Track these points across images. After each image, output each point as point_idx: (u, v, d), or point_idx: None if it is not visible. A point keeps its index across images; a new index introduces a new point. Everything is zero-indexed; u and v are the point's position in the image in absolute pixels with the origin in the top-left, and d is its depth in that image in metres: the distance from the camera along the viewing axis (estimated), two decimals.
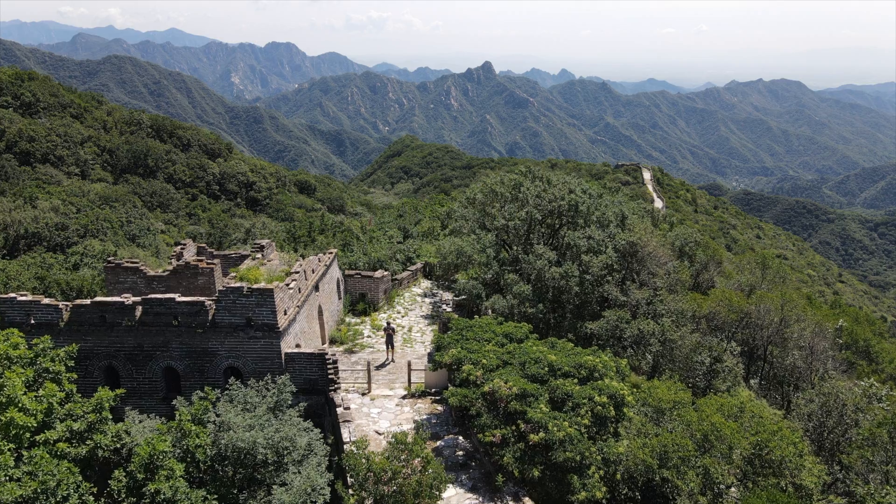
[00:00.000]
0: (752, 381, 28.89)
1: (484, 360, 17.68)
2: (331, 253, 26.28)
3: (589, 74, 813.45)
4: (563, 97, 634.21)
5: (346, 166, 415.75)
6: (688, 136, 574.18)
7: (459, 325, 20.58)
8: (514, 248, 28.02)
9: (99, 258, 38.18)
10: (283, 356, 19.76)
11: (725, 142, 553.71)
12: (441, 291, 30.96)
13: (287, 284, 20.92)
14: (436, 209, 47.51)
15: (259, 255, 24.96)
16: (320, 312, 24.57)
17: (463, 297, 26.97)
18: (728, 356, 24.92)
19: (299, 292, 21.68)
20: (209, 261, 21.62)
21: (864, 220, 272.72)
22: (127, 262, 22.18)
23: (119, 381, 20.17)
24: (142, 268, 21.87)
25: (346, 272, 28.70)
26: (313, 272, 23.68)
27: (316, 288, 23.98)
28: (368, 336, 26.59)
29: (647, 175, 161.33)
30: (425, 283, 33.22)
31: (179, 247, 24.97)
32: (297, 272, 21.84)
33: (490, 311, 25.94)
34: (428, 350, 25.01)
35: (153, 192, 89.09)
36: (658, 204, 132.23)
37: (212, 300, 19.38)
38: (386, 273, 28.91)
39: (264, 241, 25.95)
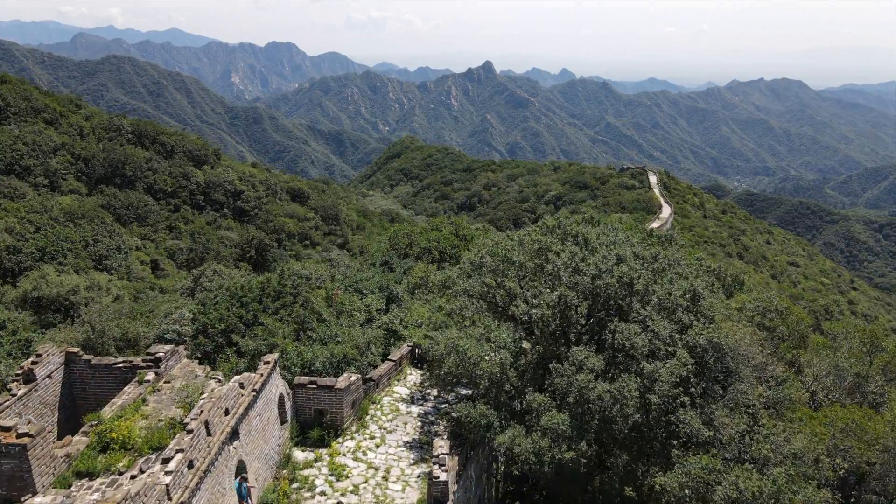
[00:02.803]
0: None
1: None
2: (266, 363, 17.33)
3: (590, 74, 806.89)
4: (563, 97, 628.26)
5: (347, 167, 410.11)
6: (689, 136, 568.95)
7: None
8: (541, 346, 19.23)
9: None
10: None
11: (727, 141, 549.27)
12: (434, 391, 22.13)
13: (164, 464, 12.10)
14: (432, 237, 38.65)
15: (150, 377, 16.09)
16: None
17: (467, 418, 18.12)
18: None
19: (190, 468, 12.85)
20: (23, 431, 12.58)
21: (869, 222, 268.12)
22: None
23: None
24: None
25: (297, 380, 19.64)
26: (227, 413, 14.86)
27: (235, 434, 15.19)
28: (321, 492, 17.35)
29: (653, 179, 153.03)
30: (413, 376, 24.14)
31: (29, 361, 16.02)
32: (192, 431, 12.98)
33: (507, 451, 17.20)
34: None
35: (129, 204, 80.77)
36: (666, 211, 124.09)
37: None
38: (354, 378, 19.86)
39: (164, 350, 17.11)
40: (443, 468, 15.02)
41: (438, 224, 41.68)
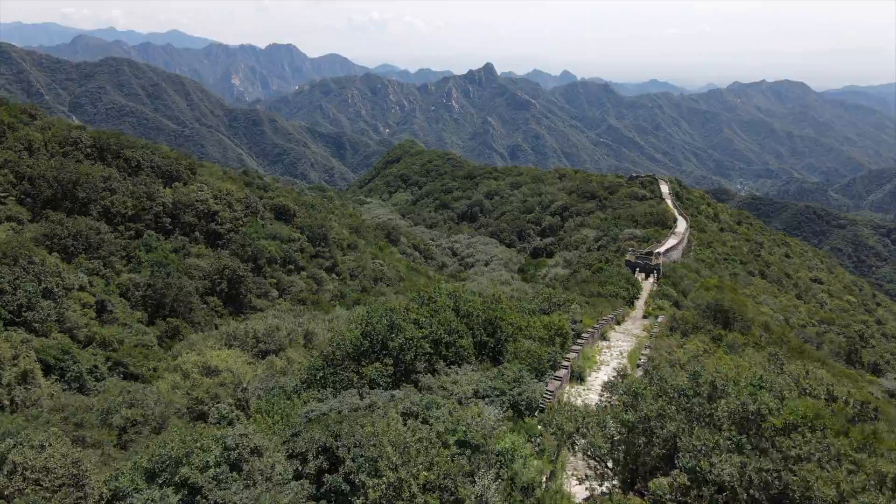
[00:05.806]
0: None
1: None
2: None
3: (591, 75, 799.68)
4: (565, 99, 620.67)
5: (346, 169, 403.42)
6: (691, 139, 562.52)
7: None
8: None
9: None
10: None
11: (729, 144, 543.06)
12: None
13: None
14: (422, 316, 26.60)
15: None
16: None
17: None
18: None
19: None
20: None
21: (877, 226, 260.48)
22: None
23: None
24: None
25: None
26: None
27: None
28: None
29: (664, 188, 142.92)
30: None
31: None
32: None
33: None
34: None
35: (77, 232, 69.00)
36: (682, 225, 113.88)
37: None
38: None
39: None
40: None
41: (432, 292, 30.56)
